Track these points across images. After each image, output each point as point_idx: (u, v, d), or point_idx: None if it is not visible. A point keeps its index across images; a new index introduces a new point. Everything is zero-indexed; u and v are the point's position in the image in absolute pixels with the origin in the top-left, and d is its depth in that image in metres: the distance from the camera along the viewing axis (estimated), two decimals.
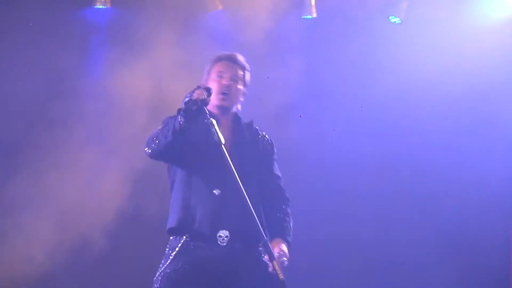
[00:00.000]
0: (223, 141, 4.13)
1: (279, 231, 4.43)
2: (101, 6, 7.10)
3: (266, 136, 4.62)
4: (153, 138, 4.31)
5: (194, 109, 4.12)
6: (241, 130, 4.52)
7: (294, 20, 7.43)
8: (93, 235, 6.91)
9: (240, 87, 4.48)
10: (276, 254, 4.21)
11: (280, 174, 4.61)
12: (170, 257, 4.33)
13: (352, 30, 7.40)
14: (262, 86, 7.13)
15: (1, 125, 6.87)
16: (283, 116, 7.27)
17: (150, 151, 4.35)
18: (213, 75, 4.47)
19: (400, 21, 7.39)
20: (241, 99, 4.53)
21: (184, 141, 4.25)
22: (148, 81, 7.06)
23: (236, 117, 4.54)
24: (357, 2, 7.43)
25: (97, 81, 7.08)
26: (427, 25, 7.41)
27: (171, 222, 4.37)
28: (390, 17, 7.43)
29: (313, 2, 7.39)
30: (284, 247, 4.34)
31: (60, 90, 6.97)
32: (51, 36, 6.92)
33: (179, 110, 4.20)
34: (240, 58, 4.54)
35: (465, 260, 7.36)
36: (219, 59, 4.51)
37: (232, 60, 4.51)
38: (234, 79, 4.46)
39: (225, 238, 4.30)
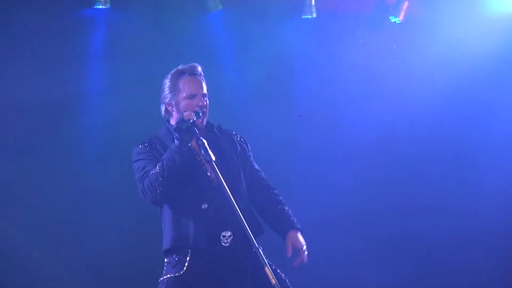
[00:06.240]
0: (213, 157, 4.22)
1: (288, 224, 4.55)
2: (101, 6, 7.10)
3: (238, 135, 4.72)
4: (156, 179, 4.30)
5: (184, 128, 4.25)
6: (216, 137, 4.60)
7: (294, 20, 7.44)
8: (93, 235, 6.92)
9: (207, 99, 4.56)
10: (303, 247, 4.44)
11: (259, 168, 4.71)
12: (174, 262, 4.37)
13: (352, 30, 7.41)
14: (262, 85, 7.17)
15: (2, 126, 6.87)
16: (283, 115, 7.28)
17: (159, 190, 4.32)
18: (184, 95, 4.51)
19: (400, 21, 7.39)
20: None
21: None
22: (148, 81, 7.06)
23: (208, 125, 4.62)
24: (357, 2, 7.44)
25: (97, 81, 7.08)
26: (427, 25, 7.42)
27: (166, 244, 4.44)
28: (390, 17, 7.43)
29: (313, 2, 7.39)
30: (301, 237, 4.49)
31: (60, 90, 6.97)
32: (51, 36, 6.92)
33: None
34: (199, 68, 4.60)
35: (465, 260, 7.36)
36: (183, 74, 4.56)
37: (196, 73, 4.57)
38: (204, 94, 4.54)
39: (229, 238, 4.35)
